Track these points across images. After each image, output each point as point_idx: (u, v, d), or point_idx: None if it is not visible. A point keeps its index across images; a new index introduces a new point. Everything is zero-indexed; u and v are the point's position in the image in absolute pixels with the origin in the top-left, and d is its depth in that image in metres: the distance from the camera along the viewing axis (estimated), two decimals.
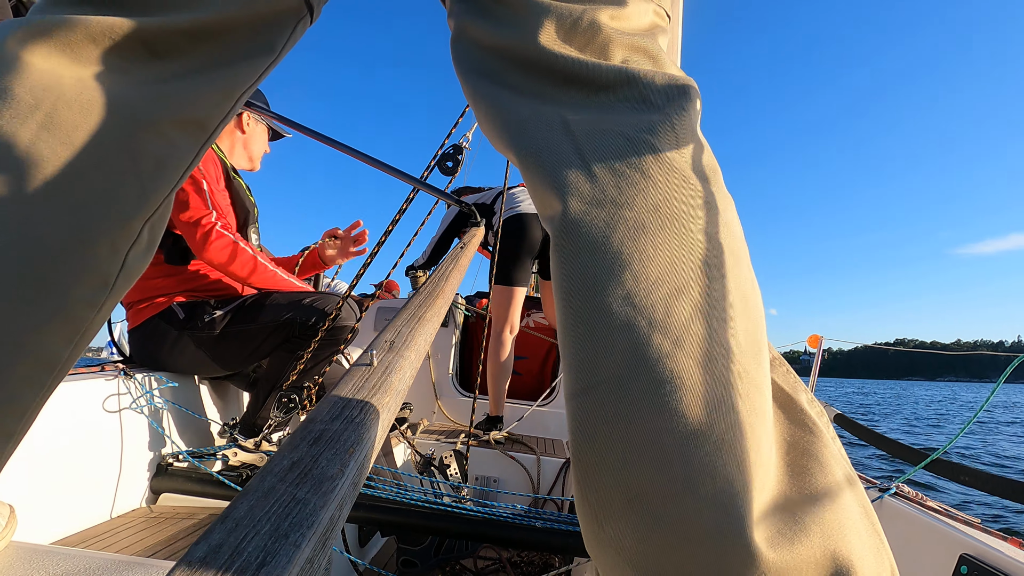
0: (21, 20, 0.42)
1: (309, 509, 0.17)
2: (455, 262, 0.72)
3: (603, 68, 0.39)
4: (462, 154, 1.43)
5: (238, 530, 0.16)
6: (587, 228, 0.34)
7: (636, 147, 0.36)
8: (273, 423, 1.43)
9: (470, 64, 0.44)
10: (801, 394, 0.36)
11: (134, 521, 1.22)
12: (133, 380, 1.35)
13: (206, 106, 0.46)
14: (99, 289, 0.42)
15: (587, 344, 0.32)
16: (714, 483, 0.28)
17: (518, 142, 0.39)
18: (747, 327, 0.33)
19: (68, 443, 1.15)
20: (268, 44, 0.50)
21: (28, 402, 0.41)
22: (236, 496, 0.18)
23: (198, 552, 0.16)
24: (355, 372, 0.28)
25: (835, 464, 0.33)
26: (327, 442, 0.19)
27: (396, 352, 0.31)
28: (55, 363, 0.41)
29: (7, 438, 0.40)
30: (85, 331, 0.43)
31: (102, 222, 0.41)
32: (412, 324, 0.36)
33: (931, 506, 1.12)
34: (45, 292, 0.39)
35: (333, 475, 0.17)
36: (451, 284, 0.60)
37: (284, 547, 0.17)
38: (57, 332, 0.41)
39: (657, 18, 0.45)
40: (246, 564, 0.16)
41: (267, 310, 1.52)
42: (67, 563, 0.66)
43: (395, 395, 0.27)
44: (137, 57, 0.44)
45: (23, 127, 0.39)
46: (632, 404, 0.30)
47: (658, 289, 0.32)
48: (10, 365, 0.38)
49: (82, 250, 0.40)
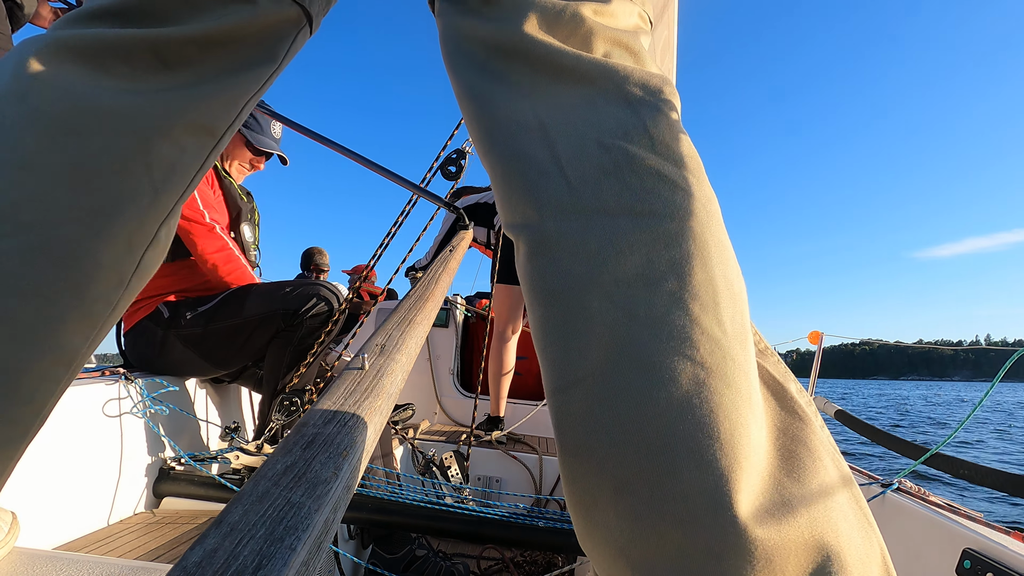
0: (44, 35, 0.46)
1: (304, 512, 0.17)
2: (444, 265, 0.73)
3: (583, 60, 0.40)
4: (465, 159, 1.43)
5: (233, 535, 0.16)
6: (565, 237, 0.35)
7: (611, 153, 0.37)
8: (276, 426, 1.43)
9: (457, 57, 0.46)
10: (791, 383, 0.37)
11: (136, 525, 1.22)
12: (134, 384, 1.35)
13: (214, 113, 0.49)
14: (115, 287, 0.46)
15: (568, 343, 0.33)
16: (699, 466, 0.28)
17: (495, 146, 0.41)
18: (732, 314, 0.34)
19: (70, 448, 1.15)
20: (270, 54, 0.53)
21: (44, 399, 0.43)
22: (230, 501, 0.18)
23: (193, 557, 0.16)
24: (347, 376, 0.28)
25: (823, 451, 0.33)
26: (320, 445, 0.19)
27: (387, 355, 0.31)
28: (72, 360, 0.44)
29: (23, 435, 0.43)
30: (101, 328, 0.46)
31: (119, 224, 0.44)
32: (403, 327, 0.36)
33: (934, 501, 1.12)
34: (65, 290, 0.42)
35: (327, 478, 0.17)
36: (440, 287, 0.60)
37: (280, 551, 0.17)
38: (75, 329, 0.44)
39: (641, 21, 0.46)
40: (242, 568, 0.16)
41: (250, 303, 1.53)
42: (70, 568, 0.66)
43: (387, 398, 0.27)
44: (150, 68, 0.47)
45: (45, 134, 0.42)
46: (614, 395, 0.31)
47: (636, 285, 0.33)
48: (29, 362, 0.41)
49: (100, 250, 0.44)
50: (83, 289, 0.43)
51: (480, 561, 1.60)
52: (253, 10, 0.50)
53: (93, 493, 1.19)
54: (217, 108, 0.49)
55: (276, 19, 0.52)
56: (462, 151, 1.45)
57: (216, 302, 1.54)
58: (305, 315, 1.49)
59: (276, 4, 0.52)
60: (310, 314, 1.49)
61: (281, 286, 1.56)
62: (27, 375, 0.42)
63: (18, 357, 0.41)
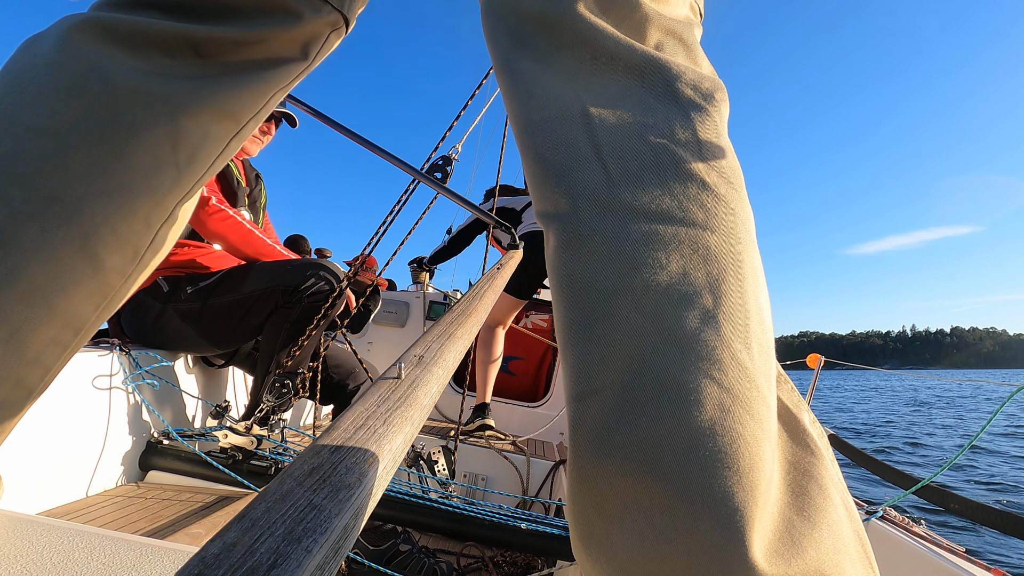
0: (86, 14, 0.47)
1: (324, 516, 0.17)
2: (490, 283, 0.71)
3: (635, 50, 0.38)
4: (451, 165, 1.42)
5: (253, 530, 0.16)
6: (599, 233, 0.33)
7: (656, 151, 0.35)
8: (266, 407, 1.42)
9: (501, 30, 0.43)
10: (804, 413, 0.36)
11: (120, 497, 1.22)
12: (128, 356, 1.35)
13: (241, 103, 0.51)
14: (130, 260, 0.48)
15: (593, 348, 0.31)
16: (713, 497, 0.27)
17: (531, 128, 0.38)
18: (761, 340, 0.32)
19: (59, 414, 1.14)
20: (304, 53, 0.55)
21: (50, 363, 0.45)
22: (255, 498, 0.18)
23: (213, 548, 0.16)
24: (382, 384, 0.27)
25: (833, 488, 0.32)
26: (348, 451, 0.18)
27: (424, 367, 0.31)
28: (80, 327, 0.46)
29: (26, 396, 0.45)
30: (112, 298, 0.48)
31: (141, 198, 0.46)
32: (443, 341, 0.36)
33: (917, 532, 1.13)
34: (83, 258, 0.44)
35: (351, 484, 0.17)
36: (484, 304, 0.59)
37: (296, 551, 0.17)
38: (87, 298, 0.46)
39: (692, 13, 0.44)
40: (257, 564, 0.16)
41: (250, 279, 1.51)
42: (51, 534, 0.65)
43: (420, 409, 0.27)
44: (185, 57, 0.48)
45: (78, 106, 0.43)
46: (634, 411, 0.29)
47: (668, 297, 0.31)
48: (39, 324, 0.43)
49: (120, 222, 0.45)
50: (100, 259, 0.45)
51: (460, 558, 1.60)
52: (296, 19, 0.52)
53: (79, 461, 1.19)
54: (245, 98, 0.51)
55: (316, 25, 0.54)
56: (448, 157, 1.44)
57: (217, 278, 1.53)
58: (304, 292, 1.48)
59: (316, 12, 0.53)
60: (310, 292, 1.48)
61: (282, 263, 1.55)
62: (36, 338, 0.43)
63: (29, 319, 0.42)
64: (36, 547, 0.64)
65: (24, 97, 0.43)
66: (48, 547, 0.64)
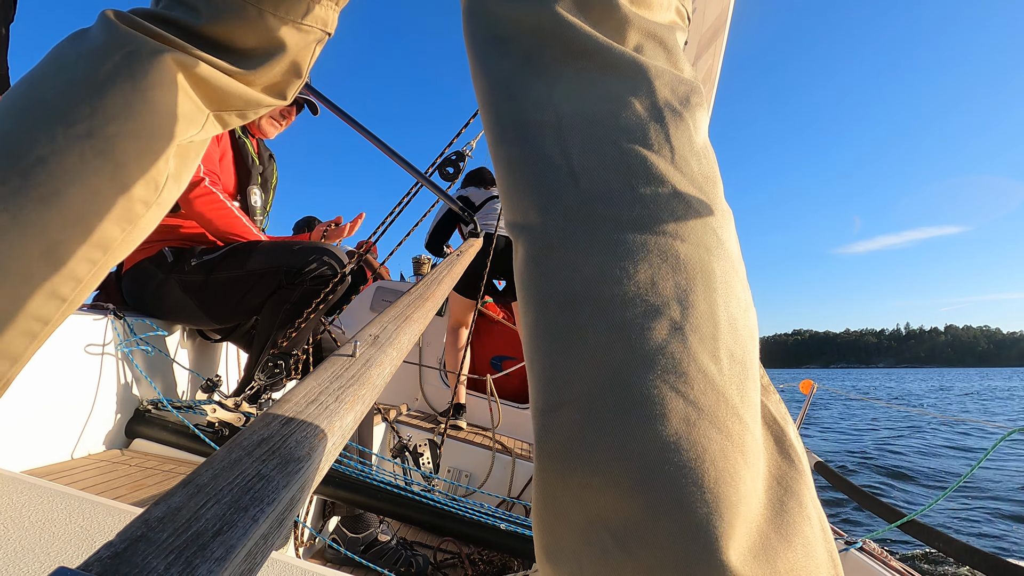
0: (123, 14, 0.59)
1: (272, 487, 0.17)
2: (449, 268, 0.72)
3: (614, 50, 0.37)
4: (464, 161, 1.44)
5: (199, 496, 0.16)
6: (568, 243, 0.33)
7: (627, 157, 0.34)
8: (257, 385, 1.43)
9: (480, 33, 0.43)
10: (790, 427, 0.35)
11: (104, 462, 1.22)
12: (122, 322, 1.35)
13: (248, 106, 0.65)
14: (152, 191, 0.58)
15: (558, 362, 0.31)
16: (678, 512, 0.26)
17: (505, 135, 0.38)
18: (733, 351, 0.31)
19: (50, 376, 1.15)
20: (297, 71, 0.67)
21: (83, 275, 0.54)
22: (201, 464, 0.18)
23: (157, 512, 0.16)
24: (335, 361, 0.27)
25: (811, 506, 0.31)
26: (299, 424, 0.18)
27: (379, 347, 0.31)
28: (109, 246, 0.55)
29: (59, 304, 0.54)
30: (136, 224, 0.58)
31: (164, 139, 0.56)
32: (399, 322, 0.36)
33: (894, 566, 1.12)
34: (114, 187, 0.54)
35: (300, 457, 0.17)
36: (442, 289, 0.60)
37: (242, 520, 0.17)
38: (116, 221, 0.55)
39: (678, 17, 0.44)
40: (202, 531, 0.16)
41: (255, 257, 1.51)
42: (32, 493, 0.66)
43: (372, 389, 0.27)
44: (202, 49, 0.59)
45: (109, 60, 0.54)
46: (600, 425, 0.29)
47: (635, 308, 0.30)
48: (75, 241, 0.52)
49: (146, 159, 0.56)
50: (129, 188, 0.55)
51: (437, 553, 1.60)
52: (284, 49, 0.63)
53: (66, 423, 1.19)
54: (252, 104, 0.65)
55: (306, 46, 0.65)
56: (462, 153, 1.45)
57: (222, 252, 1.54)
58: (307, 275, 1.49)
59: (306, 35, 0.64)
60: (312, 275, 1.49)
61: (288, 244, 1.55)
62: (70, 252, 0.52)
63: (66, 235, 0.51)
64: (16, 504, 0.64)
65: (69, 59, 0.55)
66: (28, 505, 0.64)
